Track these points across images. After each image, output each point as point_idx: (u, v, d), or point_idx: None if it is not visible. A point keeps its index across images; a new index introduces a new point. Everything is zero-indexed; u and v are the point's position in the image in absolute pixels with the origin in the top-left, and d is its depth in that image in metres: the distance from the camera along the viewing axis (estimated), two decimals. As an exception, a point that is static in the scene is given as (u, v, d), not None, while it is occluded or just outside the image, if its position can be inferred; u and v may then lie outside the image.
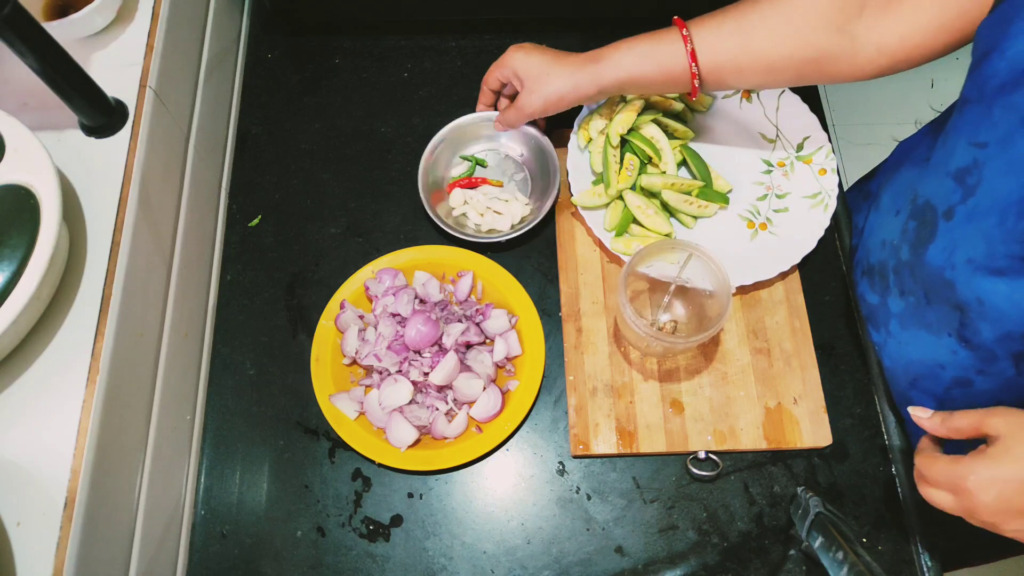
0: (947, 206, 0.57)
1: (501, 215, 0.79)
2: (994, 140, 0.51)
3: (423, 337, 0.71)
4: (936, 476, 0.50)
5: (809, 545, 0.61)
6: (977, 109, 0.53)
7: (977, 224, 0.54)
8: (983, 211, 0.53)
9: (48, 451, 0.54)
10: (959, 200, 0.55)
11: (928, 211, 0.60)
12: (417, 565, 0.68)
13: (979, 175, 0.53)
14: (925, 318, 0.62)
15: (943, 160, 0.58)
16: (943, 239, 0.58)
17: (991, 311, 0.55)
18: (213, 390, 0.75)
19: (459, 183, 0.82)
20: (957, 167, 0.55)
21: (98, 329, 0.58)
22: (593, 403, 0.72)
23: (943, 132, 0.60)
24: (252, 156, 0.86)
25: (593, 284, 0.77)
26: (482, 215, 0.79)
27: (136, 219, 0.62)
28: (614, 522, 0.69)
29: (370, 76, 0.91)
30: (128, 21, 0.71)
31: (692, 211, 0.78)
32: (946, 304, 0.59)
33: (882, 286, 0.68)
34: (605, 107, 0.80)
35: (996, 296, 0.54)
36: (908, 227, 0.64)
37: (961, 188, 0.55)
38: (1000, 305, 0.54)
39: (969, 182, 0.54)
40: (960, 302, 0.57)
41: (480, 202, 0.80)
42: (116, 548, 0.58)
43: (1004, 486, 0.47)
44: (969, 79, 0.54)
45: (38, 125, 0.63)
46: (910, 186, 0.66)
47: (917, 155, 0.71)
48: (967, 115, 0.55)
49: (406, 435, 0.69)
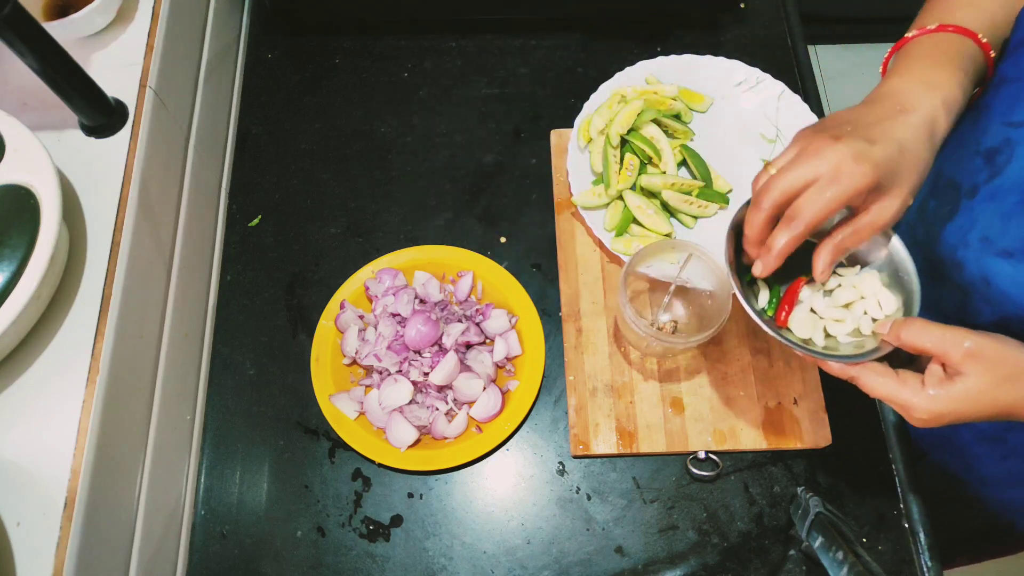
0: (971, 184, 0.57)
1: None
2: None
3: (423, 337, 0.71)
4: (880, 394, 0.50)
5: (809, 545, 0.61)
6: (1014, 88, 0.53)
7: (999, 203, 0.54)
8: (1006, 189, 0.53)
9: (48, 451, 0.54)
10: (985, 179, 0.55)
11: (951, 189, 0.60)
12: (417, 565, 0.68)
13: (1009, 154, 0.53)
14: (929, 298, 0.63)
15: (974, 139, 0.57)
16: (963, 217, 0.58)
17: (995, 292, 0.55)
18: (213, 390, 0.75)
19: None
20: (987, 146, 0.55)
21: (98, 329, 0.58)
22: (593, 403, 0.72)
23: (974, 111, 0.59)
24: (252, 156, 0.86)
25: (593, 284, 0.77)
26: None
27: (136, 219, 0.62)
28: (614, 522, 0.69)
29: (370, 76, 0.91)
30: (128, 21, 0.71)
31: (692, 211, 0.78)
32: (952, 286, 0.59)
33: None
34: (605, 107, 0.80)
35: (1002, 277, 0.54)
36: (927, 206, 0.64)
37: (989, 167, 0.55)
38: (1004, 287, 0.54)
39: (998, 161, 0.54)
40: (966, 283, 0.57)
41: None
42: (116, 548, 0.58)
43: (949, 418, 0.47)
44: (1008, 59, 0.54)
45: (38, 125, 0.63)
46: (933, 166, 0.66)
47: None
48: (1003, 94, 0.54)
49: (406, 435, 0.69)
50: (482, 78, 0.90)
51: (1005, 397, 0.46)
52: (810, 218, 0.49)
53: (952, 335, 0.47)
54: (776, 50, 0.91)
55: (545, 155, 0.85)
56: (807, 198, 0.49)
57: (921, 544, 0.67)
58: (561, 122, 0.86)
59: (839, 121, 0.52)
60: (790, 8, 0.94)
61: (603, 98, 0.81)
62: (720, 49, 0.91)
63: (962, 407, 0.47)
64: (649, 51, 0.90)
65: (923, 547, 0.67)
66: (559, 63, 0.91)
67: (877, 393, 0.50)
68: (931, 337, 0.48)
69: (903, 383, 0.49)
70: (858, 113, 0.53)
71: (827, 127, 0.52)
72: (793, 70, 0.90)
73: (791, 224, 0.50)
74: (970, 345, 0.46)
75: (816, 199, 0.49)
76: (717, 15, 0.93)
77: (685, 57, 0.83)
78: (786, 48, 0.92)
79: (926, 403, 0.48)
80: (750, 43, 0.92)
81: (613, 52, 0.91)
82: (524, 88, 0.90)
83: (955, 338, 0.47)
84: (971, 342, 0.46)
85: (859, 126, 0.50)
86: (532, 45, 0.92)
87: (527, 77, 0.90)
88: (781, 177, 0.50)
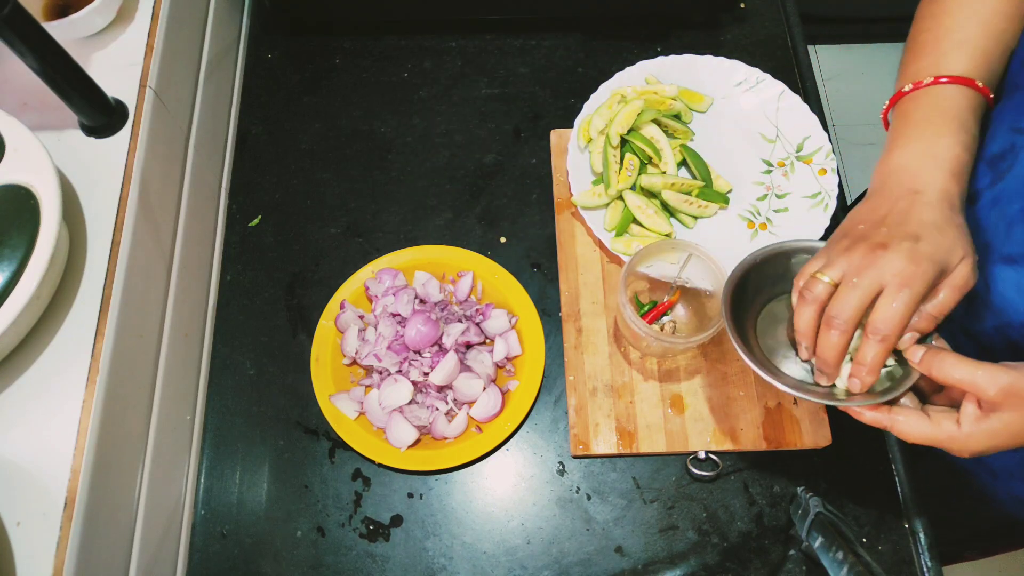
0: (974, 189, 0.57)
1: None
2: None
3: (423, 337, 0.71)
4: (917, 439, 0.49)
5: (809, 545, 0.61)
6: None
7: (1001, 209, 0.54)
8: (1009, 196, 0.53)
9: (48, 451, 0.54)
10: (987, 185, 0.55)
11: None
12: (417, 565, 0.68)
13: (1013, 160, 0.53)
14: None
15: (981, 145, 0.57)
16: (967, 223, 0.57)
17: (996, 298, 0.55)
18: (213, 390, 0.75)
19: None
20: (993, 152, 0.55)
21: (98, 329, 0.58)
22: (593, 403, 0.72)
23: (984, 119, 0.58)
24: (252, 156, 0.86)
25: (593, 284, 0.77)
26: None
27: (136, 219, 0.62)
28: (614, 522, 0.69)
29: (370, 76, 0.91)
30: (128, 21, 0.71)
31: (692, 211, 0.78)
32: None
33: None
34: (605, 107, 0.80)
35: (1004, 283, 0.54)
36: None
37: (992, 173, 0.55)
38: (1006, 293, 0.54)
39: (1001, 167, 0.54)
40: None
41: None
42: (116, 548, 0.58)
43: (990, 451, 0.46)
44: (1021, 68, 0.54)
45: (38, 125, 0.63)
46: None
47: None
48: (1015, 100, 0.54)
49: (406, 435, 0.69)
50: (482, 78, 0.90)
51: None
52: (896, 327, 0.49)
53: (985, 372, 0.46)
54: (776, 50, 0.91)
55: (545, 155, 0.85)
56: (886, 310, 0.49)
57: (921, 544, 0.67)
58: (561, 122, 0.86)
59: (871, 224, 0.52)
60: (790, 8, 0.94)
61: (603, 98, 0.81)
62: (720, 49, 0.91)
63: (1000, 441, 0.46)
64: (649, 51, 0.90)
65: (923, 547, 0.67)
66: (559, 63, 0.91)
67: (914, 439, 0.49)
68: (963, 372, 0.47)
69: (938, 426, 0.48)
70: (880, 210, 0.53)
71: (865, 236, 0.51)
72: (793, 70, 0.90)
73: (879, 337, 0.50)
74: (1005, 383, 0.45)
75: (897, 308, 0.49)
76: (717, 15, 0.93)
77: (685, 57, 0.83)
78: (786, 48, 0.92)
79: (964, 442, 0.47)
80: (750, 43, 0.92)
81: (613, 52, 0.91)
82: (524, 88, 0.90)
83: (989, 375, 0.46)
84: (1006, 379, 0.45)
85: (892, 226, 0.51)
86: (532, 45, 0.92)
87: (527, 77, 0.90)
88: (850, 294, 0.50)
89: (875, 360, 0.50)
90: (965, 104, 0.55)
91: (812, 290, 0.52)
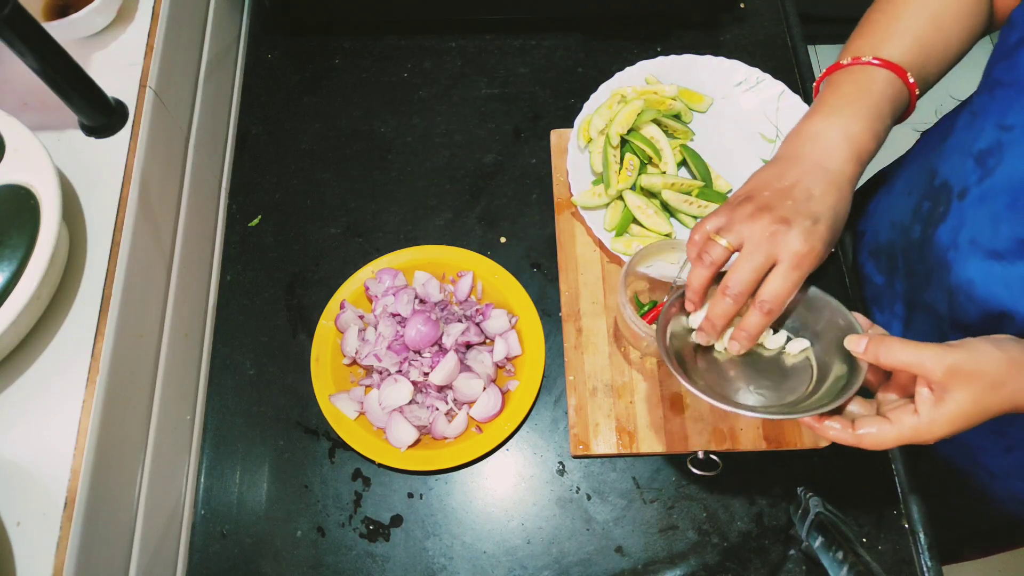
0: (963, 186, 0.58)
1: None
2: (1020, 123, 0.52)
3: (423, 337, 0.71)
4: (887, 446, 0.49)
5: (809, 545, 0.61)
6: (1009, 92, 0.54)
7: (989, 205, 0.55)
8: (996, 192, 0.54)
9: (48, 451, 0.54)
10: (976, 181, 0.56)
11: (944, 191, 0.61)
12: (417, 565, 0.68)
13: (1000, 156, 0.54)
14: (924, 299, 0.63)
15: (969, 141, 0.58)
16: (953, 218, 0.58)
17: (980, 292, 0.56)
18: (213, 390, 0.75)
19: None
20: (980, 148, 0.56)
21: (98, 329, 0.58)
22: (593, 403, 0.72)
23: (970, 113, 0.60)
24: (252, 156, 0.86)
25: (593, 284, 0.77)
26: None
27: (136, 219, 0.62)
28: (614, 522, 0.69)
29: (370, 76, 0.91)
30: (128, 21, 0.71)
31: (692, 211, 0.78)
32: (940, 287, 0.60)
33: (890, 267, 0.69)
34: (605, 107, 0.80)
35: (991, 278, 0.55)
36: (922, 207, 0.65)
37: (980, 169, 0.56)
38: (992, 287, 0.55)
39: (989, 163, 0.55)
40: (951, 284, 0.58)
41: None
42: (116, 548, 0.58)
43: (955, 432, 0.47)
44: (1005, 62, 0.55)
45: (38, 125, 0.63)
46: (928, 167, 0.67)
47: (933, 139, 0.71)
48: (998, 97, 0.55)
49: (406, 435, 0.69)
50: (482, 78, 0.90)
51: (998, 403, 0.46)
52: (782, 303, 0.52)
53: (931, 354, 0.46)
54: (776, 50, 0.91)
55: (545, 155, 0.85)
56: (776, 286, 0.52)
57: (921, 544, 0.67)
58: (561, 122, 0.86)
59: (776, 193, 0.54)
60: (790, 8, 0.94)
61: (603, 98, 0.81)
62: (720, 49, 0.91)
63: (960, 423, 0.46)
64: (649, 51, 0.90)
65: (923, 547, 0.67)
66: (559, 63, 0.91)
67: (884, 446, 0.49)
68: (909, 355, 0.47)
69: (900, 423, 0.48)
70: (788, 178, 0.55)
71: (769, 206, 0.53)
72: (793, 70, 0.90)
73: (766, 309, 0.52)
74: (949, 363, 0.45)
75: (785, 286, 0.52)
76: (717, 15, 0.93)
77: (685, 57, 0.83)
78: (786, 48, 0.92)
79: (929, 429, 0.47)
80: (750, 43, 0.92)
81: (613, 52, 0.91)
82: (524, 88, 0.90)
83: (934, 357, 0.46)
84: (950, 359, 0.45)
85: (798, 200, 0.53)
86: (532, 45, 0.92)
87: (527, 77, 0.90)
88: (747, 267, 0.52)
89: (758, 327, 0.53)
90: (891, 94, 0.58)
91: (710, 253, 0.54)
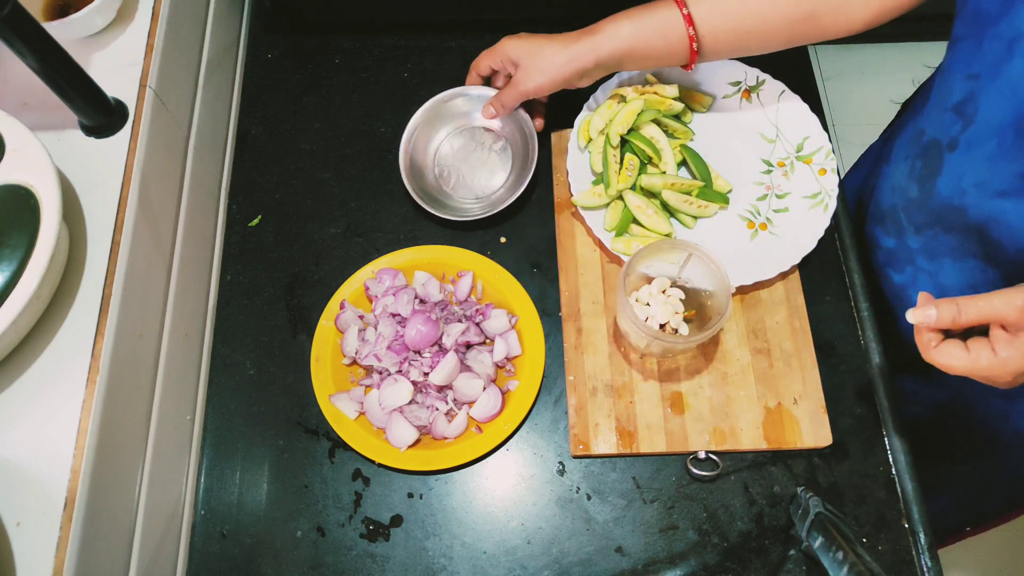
0: (949, 138, 0.60)
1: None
2: (985, 70, 0.54)
3: (423, 337, 0.71)
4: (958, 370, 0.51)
5: (809, 545, 0.61)
6: (968, 45, 0.56)
7: (979, 150, 0.57)
8: (982, 137, 0.56)
9: (48, 451, 0.54)
10: (960, 131, 0.58)
11: (933, 147, 0.63)
12: (417, 565, 0.68)
13: (975, 105, 0.56)
14: (947, 245, 0.64)
15: (943, 97, 0.61)
16: (949, 171, 0.60)
17: (1006, 228, 0.57)
18: (213, 390, 0.75)
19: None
20: (955, 101, 0.59)
21: (98, 329, 0.58)
22: (593, 403, 0.72)
23: (940, 72, 0.63)
24: (252, 156, 0.86)
25: (593, 284, 0.77)
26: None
27: (136, 219, 0.62)
28: (614, 522, 0.69)
29: (370, 76, 0.91)
30: (128, 21, 0.71)
31: (692, 211, 0.78)
32: (962, 229, 0.61)
33: (896, 228, 0.71)
34: (605, 107, 0.80)
35: (1008, 215, 0.56)
36: (915, 167, 0.67)
37: (961, 119, 0.58)
38: (1013, 223, 0.56)
39: (968, 112, 0.57)
40: (974, 224, 0.59)
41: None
42: (116, 548, 0.58)
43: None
44: (959, 18, 0.58)
45: (38, 125, 0.63)
46: (916, 130, 0.69)
47: (917, 104, 0.74)
48: (959, 51, 0.58)
49: (406, 435, 0.69)
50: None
51: None
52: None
53: (1000, 299, 0.49)
54: (776, 50, 0.91)
55: (545, 155, 0.85)
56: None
57: (921, 544, 0.67)
58: (561, 122, 0.86)
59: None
60: (790, 8, 0.94)
61: (603, 98, 0.81)
62: (720, 49, 0.90)
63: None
64: (649, 51, 0.89)
65: (923, 547, 0.67)
66: (559, 63, 0.91)
67: (955, 369, 0.51)
68: (982, 306, 0.50)
69: (977, 355, 0.50)
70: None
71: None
72: (793, 70, 0.90)
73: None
74: (1021, 303, 0.48)
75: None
76: (717, 15, 0.93)
77: (685, 57, 0.83)
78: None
79: (1004, 365, 0.49)
80: (750, 43, 0.92)
81: (613, 52, 0.91)
82: (524, 88, 0.89)
83: (1005, 300, 0.49)
84: (1020, 300, 0.48)
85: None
86: (532, 45, 0.92)
87: (527, 77, 0.90)
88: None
89: None
90: (671, 47, 0.68)
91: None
